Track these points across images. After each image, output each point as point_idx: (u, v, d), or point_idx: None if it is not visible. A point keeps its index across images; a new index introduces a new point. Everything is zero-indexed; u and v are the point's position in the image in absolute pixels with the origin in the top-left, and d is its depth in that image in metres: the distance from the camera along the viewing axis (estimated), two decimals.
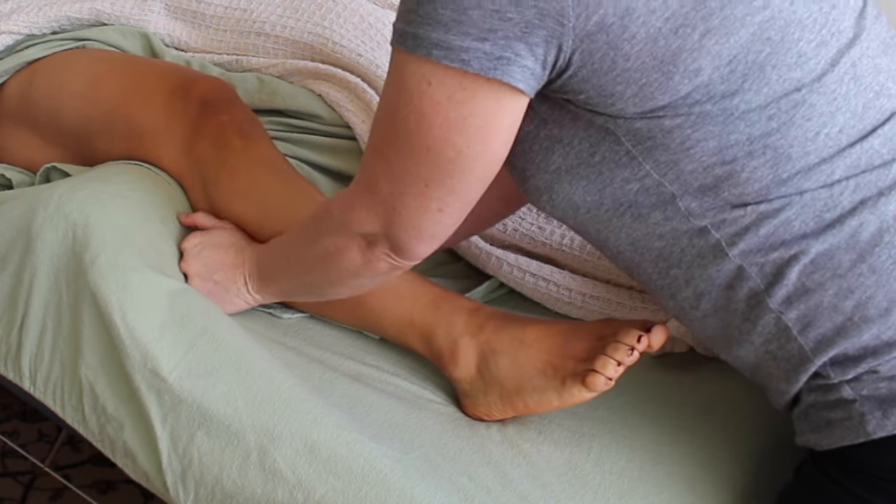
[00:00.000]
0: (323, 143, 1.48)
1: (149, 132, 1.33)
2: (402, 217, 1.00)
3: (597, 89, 0.93)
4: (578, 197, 1.02)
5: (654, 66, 0.91)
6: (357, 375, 1.21)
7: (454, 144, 0.94)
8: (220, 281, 1.22)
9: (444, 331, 1.18)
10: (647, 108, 0.93)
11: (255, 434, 1.07)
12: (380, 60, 1.52)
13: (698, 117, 0.94)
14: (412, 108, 0.94)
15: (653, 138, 0.95)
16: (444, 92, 0.92)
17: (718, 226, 0.98)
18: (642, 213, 1.00)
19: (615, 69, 0.91)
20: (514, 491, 1.08)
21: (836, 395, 0.99)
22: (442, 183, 0.97)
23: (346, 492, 1.03)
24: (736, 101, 0.93)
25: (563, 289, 1.38)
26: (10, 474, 1.78)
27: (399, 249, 1.03)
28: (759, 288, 0.99)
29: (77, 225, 1.18)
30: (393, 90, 0.96)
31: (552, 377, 1.12)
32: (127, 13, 1.57)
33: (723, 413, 1.22)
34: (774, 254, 0.97)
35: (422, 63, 0.91)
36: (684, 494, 1.12)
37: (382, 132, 0.99)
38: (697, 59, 0.91)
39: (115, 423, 1.14)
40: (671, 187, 0.97)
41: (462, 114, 0.92)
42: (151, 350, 1.11)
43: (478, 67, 0.90)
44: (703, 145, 0.95)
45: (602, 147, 0.98)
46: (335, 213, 1.06)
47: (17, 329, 1.20)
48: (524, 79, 0.91)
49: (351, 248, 1.05)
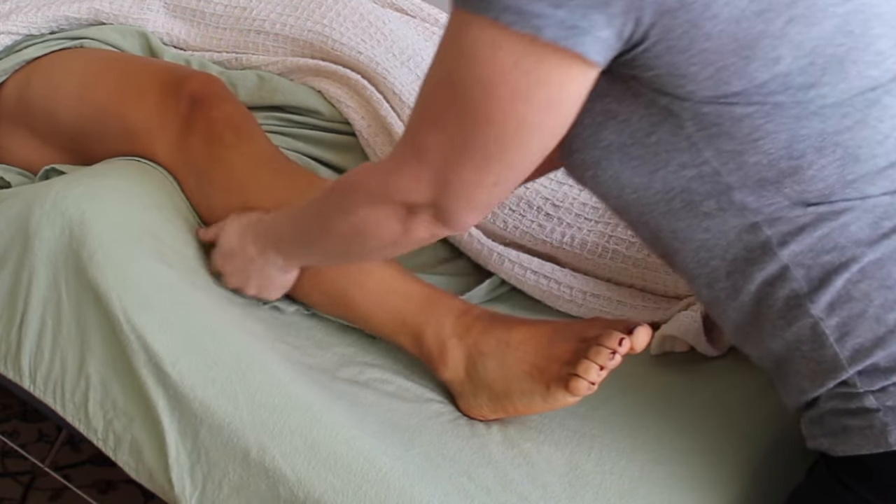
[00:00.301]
0: (323, 139, 1.48)
1: (142, 130, 1.33)
2: (455, 188, 0.95)
3: (669, 67, 0.89)
4: (626, 177, 0.98)
5: (733, 50, 0.87)
6: (357, 374, 1.21)
7: (518, 116, 0.89)
8: (252, 274, 1.21)
9: (434, 332, 1.18)
10: (720, 93, 0.89)
11: (256, 431, 1.07)
12: (379, 58, 1.52)
13: (772, 108, 0.90)
14: (474, 75, 0.88)
15: (719, 125, 0.92)
16: (511, 59, 0.86)
17: (772, 223, 0.95)
18: (694, 201, 0.96)
19: (693, 48, 0.87)
20: (514, 491, 1.08)
21: (859, 404, 0.97)
22: (502, 157, 0.92)
23: (345, 490, 1.03)
24: (812, 94, 0.90)
25: (564, 286, 1.38)
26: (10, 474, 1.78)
27: (446, 219, 0.99)
28: (802, 291, 0.96)
29: (73, 221, 1.18)
30: (451, 54, 0.90)
31: (538, 381, 1.11)
32: (125, 12, 1.57)
33: (723, 413, 1.22)
34: (825, 257, 0.95)
35: (488, 26, 0.86)
36: (685, 495, 1.12)
37: (436, 99, 0.93)
38: (778, 46, 0.87)
39: (125, 417, 1.14)
40: (729, 178, 0.94)
41: (529, 83, 0.87)
42: (153, 345, 1.11)
43: (551, 36, 0.84)
44: (774, 137, 0.91)
45: (661, 129, 0.94)
46: (372, 183, 1.02)
47: (16, 328, 1.20)
48: (598, 51, 0.86)
49: (390, 218, 1.01)
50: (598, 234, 1.41)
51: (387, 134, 1.46)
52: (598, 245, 1.39)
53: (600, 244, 1.39)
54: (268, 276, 1.22)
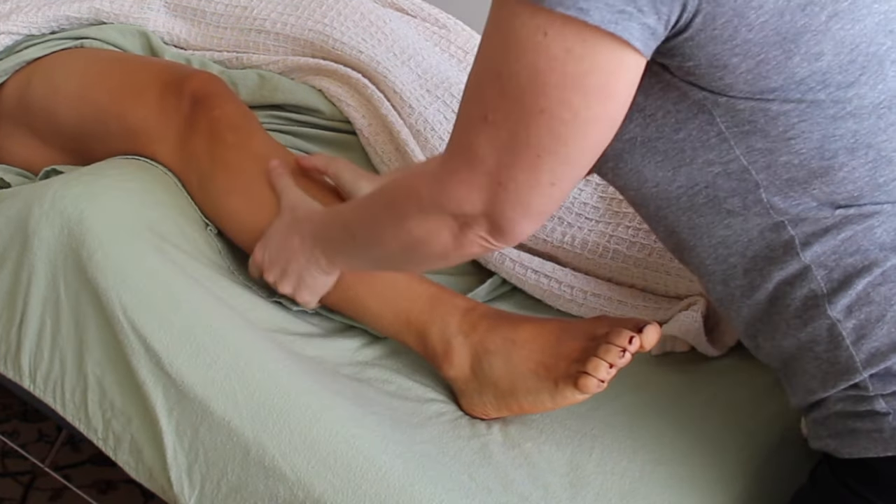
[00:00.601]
0: (324, 138, 1.48)
1: (143, 130, 1.33)
2: (510, 192, 0.91)
3: (710, 58, 0.87)
4: (649, 171, 0.96)
5: (775, 42, 0.86)
6: (357, 373, 1.21)
7: (571, 105, 0.85)
8: (293, 272, 1.18)
9: (439, 330, 1.18)
10: (758, 87, 0.88)
11: (255, 430, 1.07)
12: (380, 57, 1.52)
13: (809, 106, 0.89)
14: (524, 63, 0.85)
15: (753, 122, 0.90)
16: (562, 44, 0.83)
17: (797, 223, 0.94)
18: (718, 197, 0.95)
19: (736, 38, 0.86)
20: (515, 491, 1.08)
21: (868, 407, 0.96)
22: (556, 152, 0.88)
23: (345, 489, 1.03)
24: (850, 93, 0.89)
25: (565, 286, 1.38)
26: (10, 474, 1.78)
27: (500, 230, 0.94)
28: (821, 292, 0.95)
29: (72, 221, 1.18)
30: (497, 45, 0.87)
31: (545, 378, 1.11)
32: (126, 11, 1.57)
33: (724, 413, 1.22)
34: (848, 260, 0.94)
35: (535, 12, 0.83)
36: (686, 495, 1.11)
37: (483, 94, 0.89)
38: (821, 41, 0.86)
39: (123, 417, 1.14)
40: (758, 176, 0.93)
41: (581, 70, 0.84)
42: (152, 343, 1.11)
43: (598, 19, 0.82)
44: (807, 137, 0.90)
45: (690, 124, 0.93)
46: (425, 191, 0.96)
47: (16, 327, 1.20)
48: (643, 38, 0.84)
49: (442, 231, 0.96)
50: (598, 233, 1.41)
51: (387, 133, 1.47)
52: (598, 245, 1.39)
53: (601, 244, 1.39)
54: (308, 275, 1.19)
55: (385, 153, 1.46)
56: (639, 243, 1.39)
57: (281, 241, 1.20)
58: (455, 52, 1.66)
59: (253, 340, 1.16)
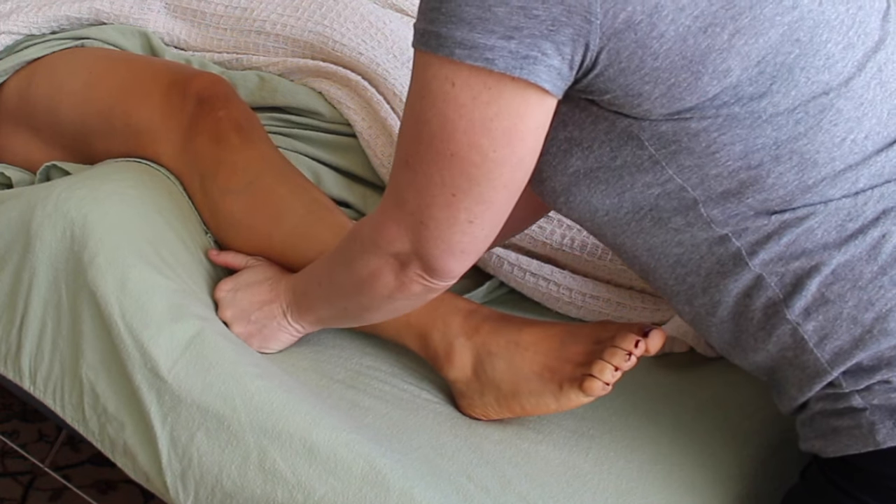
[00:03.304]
0: (324, 140, 1.48)
1: (146, 130, 1.33)
2: (431, 230, 0.96)
3: (624, 89, 0.91)
4: (597, 200, 1.00)
5: (682, 66, 0.89)
6: (355, 376, 1.21)
7: (480, 148, 0.90)
8: (257, 320, 1.19)
9: (440, 332, 1.18)
10: (674, 109, 0.91)
11: (254, 434, 1.07)
12: (380, 59, 1.52)
13: (725, 120, 0.92)
14: (435, 111, 0.90)
15: (678, 142, 0.93)
16: (469, 93, 0.89)
17: (740, 234, 0.96)
18: (662, 218, 0.98)
19: (643, 68, 0.89)
20: (513, 491, 1.08)
21: (846, 404, 0.98)
22: (469, 191, 0.93)
23: (345, 492, 1.03)
24: (764, 103, 0.91)
25: (564, 288, 1.38)
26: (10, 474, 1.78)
27: (431, 268, 0.99)
28: (778, 298, 0.97)
29: (75, 224, 1.18)
30: (415, 95, 0.93)
31: (549, 381, 1.12)
32: (126, 12, 1.57)
33: (722, 413, 1.22)
34: (795, 263, 0.96)
35: (444, 63, 0.89)
36: (683, 495, 1.12)
37: (406, 141, 0.95)
38: (727, 59, 0.89)
39: (116, 422, 1.14)
40: (694, 192, 0.96)
41: (487, 115, 0.89)
42: (149, 349, 1.11)
43: (503, 66, 0.87)
44: (730, 149, 0.93)
45: (623, 151, 0.96)
46: (365, 232, 1.03)
47: (16, 328, 1.20)
48: (551, 79, 0.89)
49: (383, 271, 1.02)
50: None
51: (387, 135, 1.46)
52: (597, 247, 1.39)
53: (600, 246, 1.39)
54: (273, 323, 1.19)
55: (385, 155, 1.46)
56: None
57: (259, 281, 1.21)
58: None
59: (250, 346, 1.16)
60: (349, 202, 1.45)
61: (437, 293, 1.04)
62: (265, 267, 1.24)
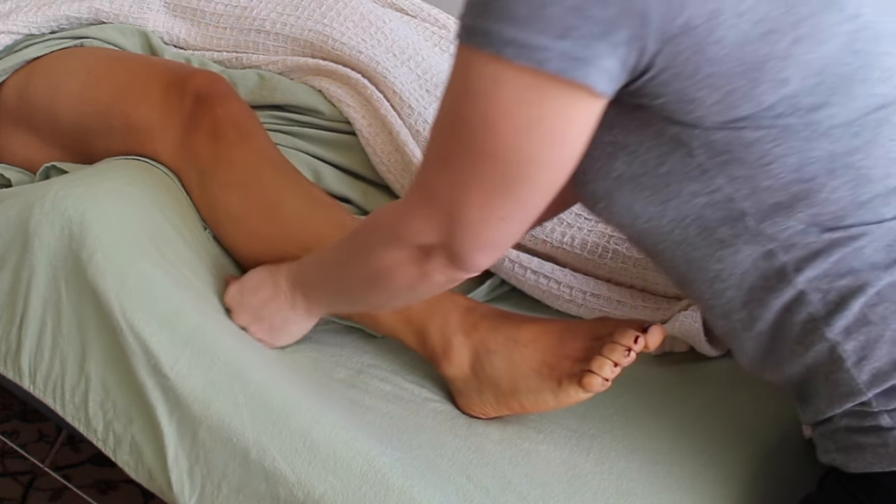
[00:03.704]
0: (323, 138, 1.48)
1: (145, 128, 1.33)
2: (464, 226, 0.93)
3: (677, 94, 0.88)
4: (639, 207, 0.97)
5: (740, 73, 0.86)
6: (355, 374, 1.21)
7: (522, 150, 0.87)
8: (268, 316, 1.18)
9: (439, 329, 1.18)
10: (729, 117, 0.89)
11: (255, 432, 1.07)
12: (380, 57, 1.53)
13: (781, 131, 0.89)
14: (477, 110, 0.87)
15: (729, 151, 0.91)
16: (515, 93, 0.85)
17: (787, 249, 0.94)
18: (708, 228, 0.95)
19: (699, 73, 0.86)
20: (513, 491, 1.08)
21: (873, 422, 0.96)
22: (507, 192, 0.90)
23: (345, 491, 1.03)
24: (821, 115, 0.89)
25: (564, 286, 1.38)
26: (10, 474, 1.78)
27: (458, 260, 0.96)
28: (819, 315, 0.95)
29: (73, 222, 1.18)
30: (456, 90, 0.89)
31: (548, 377, 1.11)
32: (126, 11, 1.57)
33: (723, 414, 1.22)
34: (840, 282, 0.94)
35: (491, 61, 0.85)
36: (684, 495, 1.11)
37: (443, 136, 0.92)
38: (785, 68, 0.86)
39: (125, 417, 1.14)
40: (742, 204, 0.93)
41: (533, 117, 0.86)
42: (151, 346, 1.11)
43: (555, 68, 0.83)
44: (784, 161, 0.90)
45: (671, 158, 0.93)
46: (388, 224, 1.00)
47: (16, 328, 1.20)
48: (603, 81, 0.85)
49: (406, 261, 0.99)
50: (598, 233, 1.41)
51: (387, 133, 1.47)
52: (598, 245, 1.39)
53: (600, 244, 1.39)
54: (284, 320, 1.19)
55: (385, 153, 1.46)
56: None
57: (263, 280, 1.20)
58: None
59: (252, 344, 1.16)
60: (350, 198, 1.46)
61: (458, 283, 1.01)
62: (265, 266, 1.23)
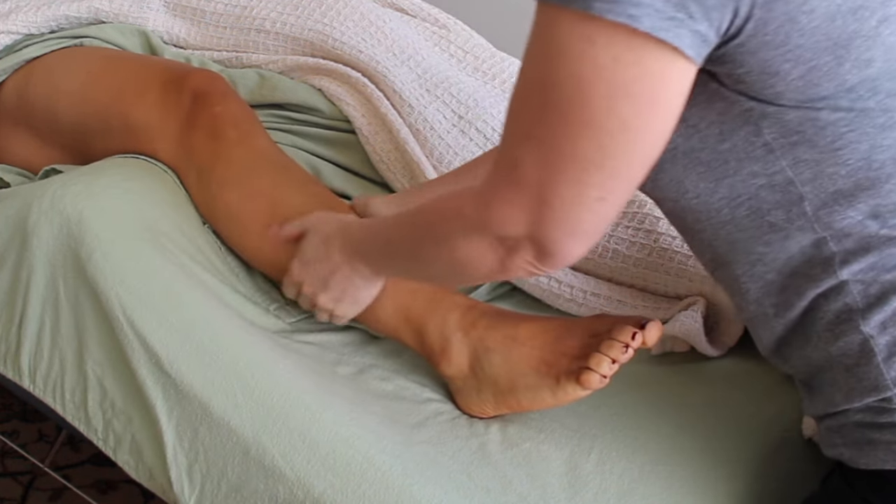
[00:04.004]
0: (323, 136, 1.49)
1: (144, 127, 1.33)
2: (556, 210, 0.86)
3: (762, 65, 0.84)
4: (690, 182, 0.94)
5: (826, 48, 0.83)
6: (356, 373, 1.21)
7: (619, 115, 0.81)
8: (336, 284, 1.15)
9: (437, 327, 1.17)
10: (808, 96, 0.86)
11: (255, 430, 1.07)
12: (379, 56, 1.53)
13: (858, 115, 0.87)
14: (569, 72, 0.81)
15: (801, 132, 0.88)
16: (610, 52, 0.79)
17: (840, 239, 0.92)
18: (761, 209, 0.92)
19: (788, 44, 0.83)
20: (514, 491, 1.08)
21: (889, 419, 0.94)
22: (603, 165, 0.83)
23: (344, 489, 1.03)
24: None
25: (565, 286, 1.38)
26: (10, 474, 1.78)
27: (546, 253, 0.89)
28: (857, 307, 0.93)
29: (71, 220, 1.18)
30: (541, 55, 0.83)
31: (546, 375, 1.11)
32: (125, 11, 1.57)
33: (724, 414, 1.22)
34: (886, 276, 0.92)
35: (581, 18, 0.79)
36: (685, 495, 1.11)
37: (526, 108, 0.85)
38: (871, 47, 0.84)
39: (124, 416, 1.14)
40: (802, 188, 0.91)
41: (629, 78, 0.80)
42: (152, 343, 1.11)
43: (648, 26, 0.78)
44: (855, 147, 0.88)
45: (736, 136, 0.90)
46: (468, 211, 0.93)
47: (15, 327, 1.20)
48: (694, 45, 0.81)
49: (486, 254, 0.93)
50: None
51: (386, 132, 1.47)
52: (598, 244, 1.39)
53: (601, 243, 1.39)
54: (351, 285, 1.15)
55: (384, 152, 1.46)
56: (638, 243, 1.39)
57: (320, 254, 1.16)
58: (455, 51, 1.66)
59: (252, 340, 1.16)
60: (350, 196, 1.46)
61: (541, 274, 0.96)
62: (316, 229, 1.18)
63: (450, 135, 1.48)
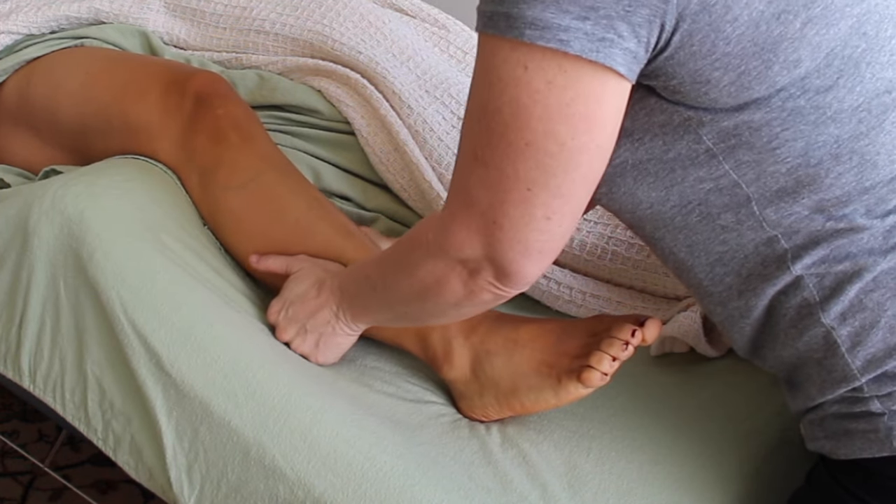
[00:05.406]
0: (323, 138, 1.49)
1: (145, 128, 1.33)
2: (506, 230, 0.90)
3: (693, 74, 0.88)
4: (642, 192, 0.96)
5: (753, 53, 0.86)
6: (358, 375, 1.21)
7: (556, 136, 0.85)
8: (313, 329, 1.16)
9: (439, 332, 1.17)
10: (741, 100, 0.89)
11: (255, 430, 1.07)
12: (379, 58, 1.53)
13: (790, 114, 0.89)
14: (506, 98, 0.85)
15: (738, 136, 0.91)
16: (543, 76, 0.84)
17: (790, 236, 0.94)
18: (711, 214, 0.95)
19: (715, 52, 0.86)
20: (514, 491, 1.08)
21: (863, 408, 0.96)
22: (546, 184, 0.87)
23: (345, 489, 1.03)
24: (829, 98, 0.89)
25: (564, 287, 1.38)
26: (10, 474, 1.78)
27: (504, 273, 0.93)
28: (814, 300, 0.95)
29: (72, 220, 1.18)
30: (482, 82, 0.87)
31: (547, 375, 1.11)
32: (126, 11, 1.57)
33: (722, 414, 1.22)
34: (837, 267, 0.94)
35: (515, 46, 0.84)
36: (684, 495, 1.12)
37: (473, 134, 0.90)
38: (798, 48, 0.87)
39: (123, 417, 1.14)
40: (748, 189, 0.93)
41: (564, 100, 0.84)
42: (152, 343, 1.11)
43: (578, 49, 0.82)
44: (791, 145, 0.90)
45: (678, 145, 0.93)
46: (431, 237, 0.97)
47: (16, 327, 1.20)
48: (626, 62, 0.85)
49: (451, 278, 0.96)
50: (597, 235, 1.41)
51: (386, 133, 1.47)
52: (597, 246, 1.39)
53: (599, 245, 1.39)
54: (330, 334, 1.17)
55: (384, 153, 1.46)
56: (637, 245, 1.39)
57: (302, 297, 1.17)
58: (454, 52, 1.66)
59: (253, 341, 1.16)
60: (349, 196, 1.46)
61: (506, 299, 0.98)
62: (307, 271, 1.20)
63: (449, 136, 1.48)
